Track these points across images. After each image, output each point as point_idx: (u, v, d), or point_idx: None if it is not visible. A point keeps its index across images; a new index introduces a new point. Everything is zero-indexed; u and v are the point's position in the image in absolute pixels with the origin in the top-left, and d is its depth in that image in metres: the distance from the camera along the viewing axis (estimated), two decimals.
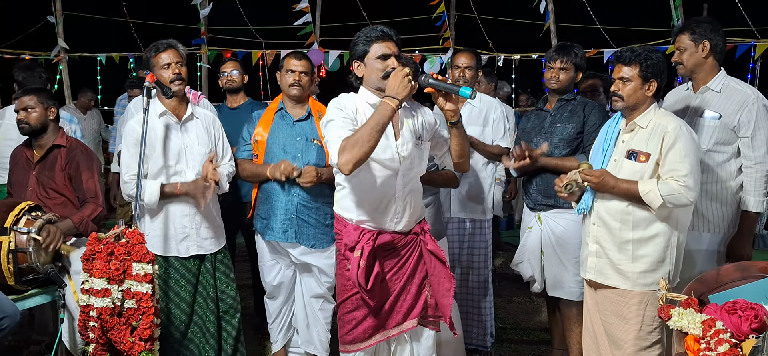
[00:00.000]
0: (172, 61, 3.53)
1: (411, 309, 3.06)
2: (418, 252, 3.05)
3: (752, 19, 7.56)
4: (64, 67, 7.84)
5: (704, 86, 3.45)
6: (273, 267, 3.97)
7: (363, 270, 2.88)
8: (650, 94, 3.07)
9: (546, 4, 7.87)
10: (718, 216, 3.43)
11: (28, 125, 3.80)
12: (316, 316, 3.97)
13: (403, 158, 2.92)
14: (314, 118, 3.86)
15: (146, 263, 3.12)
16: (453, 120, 2.88)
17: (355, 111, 2.90)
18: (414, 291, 3.05)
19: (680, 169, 2.93)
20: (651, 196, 2.95)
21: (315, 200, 3.79)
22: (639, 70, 3.04)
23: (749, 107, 3.31)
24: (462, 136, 2.94)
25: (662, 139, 2.98)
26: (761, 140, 3.31)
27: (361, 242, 2.92)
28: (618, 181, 3.05)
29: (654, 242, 3.04)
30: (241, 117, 4.51)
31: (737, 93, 3.36)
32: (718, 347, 2.50)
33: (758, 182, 3.33)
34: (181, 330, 3.67)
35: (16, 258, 3.40)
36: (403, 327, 3.07)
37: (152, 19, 9.11)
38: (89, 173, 3.80)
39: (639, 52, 3.06)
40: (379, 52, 2.89)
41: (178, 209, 3.59)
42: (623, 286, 3.09)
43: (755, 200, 3.35)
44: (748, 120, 3.30)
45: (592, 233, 3.18)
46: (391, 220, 2.97)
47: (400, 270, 3.03)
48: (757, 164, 3.32)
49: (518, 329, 5.02)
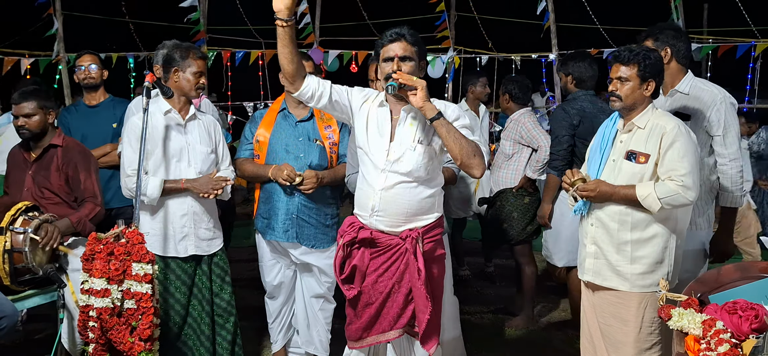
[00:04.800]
0: (201, 71, 3.56)
1: (398, 317, 3.01)
2: (406, 260, 2.96)
3: (752, 18, 7.56)
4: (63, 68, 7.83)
5: (672, 89, 3.45)
6: (273, 266, 3.97)
7: (339, 258, 3.01)
8: (648, 94, 3.06)
9: (546, 4, 7.86)
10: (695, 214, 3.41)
11: (28, 131, 3.77)
12: (316, 316, 3.97)
13: (391, 161, 2.92)
14: (316, 118, 3.86)
15: (146, 264, 3.12)
16: (428, 117, 2.82)
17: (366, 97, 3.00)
18: (401, 299, 2.99)
19: (679, 168, 2.92)
20: (649, 200, 2.93)
21: (316, 201, 3.79)
22: (637, 70, 3.02)
23: (717, 106, 3.33)
24: (443, 134, 2.82)
25: (661, 139, 2.97)
26: (733, 137, 3.34)
27: (348, 231, 3.01)
28: (614, 188, 3.02)
29: (653, 243, 3.03)
30: (100, 116, 4.43)
31: (705, 93, 3.37)
32: (718, 347, 2.49)
33: (734, 178, 3.35)
34: (175, 332, 3.65)
35: (12, 258, 3.40)
36: (387, 336, 3.04)
37: (152, 19, 9.10)
38: (87, 172, 3.79)
39: (637, 52, 3.04)
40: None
41: (177, 208, 3.59)
42: (622, 288, 3.08)
43: (733, 195, 3.36)
44: (718, 119, 3.32)
45: (590, 234, 3.16)
46: (372, 215, 2.96)
47: (385, 273, 3.00)
48: (731, 161, 3.34)
49: None
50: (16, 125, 3.80)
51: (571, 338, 4.71)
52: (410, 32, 2.93)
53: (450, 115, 2.90)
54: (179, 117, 3.60)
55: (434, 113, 2.79)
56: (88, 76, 4.55)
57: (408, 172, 2.92)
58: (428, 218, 3.00)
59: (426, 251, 2.96)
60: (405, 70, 2.86)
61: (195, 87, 3.55)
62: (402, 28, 2.93)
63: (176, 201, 3.59)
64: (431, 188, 2.99)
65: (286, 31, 2.80)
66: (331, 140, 3.85)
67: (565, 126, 4.38)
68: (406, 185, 2.93)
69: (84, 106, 4.62)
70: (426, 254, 2.96)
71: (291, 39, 2.83)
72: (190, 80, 3.53)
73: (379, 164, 2.95)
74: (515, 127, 5.01)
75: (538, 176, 4.90)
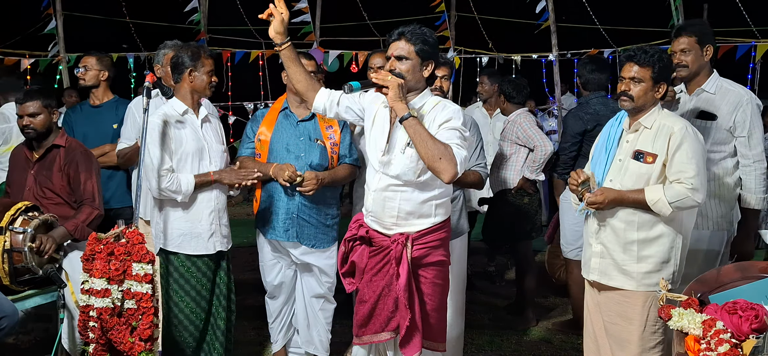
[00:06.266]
0: (212, 69, 3.61)
1: (389, 320, 3.01)
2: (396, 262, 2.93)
3: (753, 19, 7.56)
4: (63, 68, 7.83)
5: (699, 89, 3.46)
6: (274, 266, 3.97)
7: (341, 253, 3.12)
8: (659, 96, 3.04)
9: (545, 3, 7.86)
10: (718, 214, 3.45)
11: (34, 130, 3.76)
12: (316, 316, 3.97)
13: (383, 163, 2.93)
14: (318, 118, 3.86)
15: (146, 264, 3.12)
16: (398, 117, 2.80)
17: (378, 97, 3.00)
18: (390, 302, 2.98)
19: (687, 171, 2.90)
20: (660, 205, 2.92)
21: (316, 201, 3.79)
22: (651, 72, 2.99)
23: (743, 107, 3.35)
24: (410, 134, 2.77)
25: (668, 140, 2.95)
26: (758, 139, 3.36)
27: (351, 227, 3.09)
28: (622, 194, 3.00)
29: (659, 243, 3.02)
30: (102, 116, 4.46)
31: (731, 94, 3.39)
32: (718, 347, 2.49)
33: (758, 180, 3.36)
34: (200, 329, 3.70)
35: (11, 258, 3.40)
36: (380, 337, 3.04)
37: (152, 19, 9.10)
38: (88, 174, 3.78)
39: (652, 54, 3.00)
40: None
41: (205, 206, 3.61)
42: (628, 287, 3.07)
43: (756, 197, 3.37)
44: (743, 120, 3.34)
45: (596, 233, 3.15)
46: (367, 215, 3.01)
47: (378, 273, 3.00)
48: (755, 163, 3.35)
49: None
50: (21, 124, 3.79)
51: (571, 338, 4.71)
52: (413, 31, 2.89)
53: (439, 116, 2.86)
54: (195, 118, 3.63)
55: (404, 112, 2.77)
56: (82, 77, 4.55)
57: (396, 175, 2.91)
58: (422, 222, 2.95)
59: (416, 257, 2.93)
60: (401, 68, 2.87)
61: (209, 86, 3.59)
62: (407, 27, 2.93)
63: (205, 199, 3.61)
64: (427, 193, 2.94)
65: (284, 53, 3.06)
66: (332, 140, 3.85)
67: (574, 133, 4.40)
68: (396, 188, 2.92)
69: (88, 106, 4.63)
70: (416, 260, 2.93)
71: (291, 59, 3.07)
72: (204, 80, 3.56)
73: (375, 164, 2.98)
74: (512, 127, 5.02)
75: (536, 176, 4.91)
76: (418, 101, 2.93)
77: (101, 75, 4.51)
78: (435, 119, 2.88)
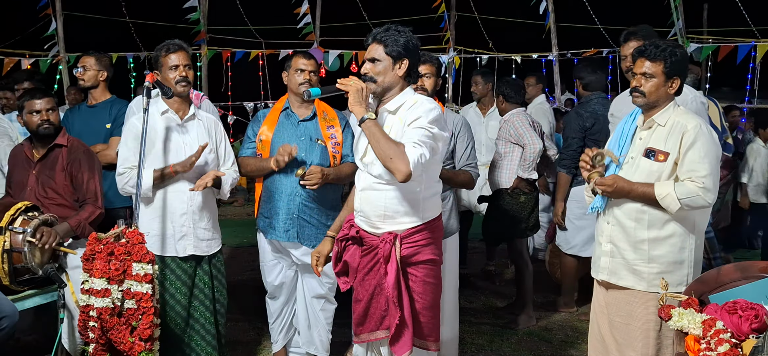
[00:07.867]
0: (180, 64, 3.55)
1: (382, 319, 3.01)
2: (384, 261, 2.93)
3: (753, 19, 7.57)
4: (63, 67, 7.84)
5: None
6: (274, 267, 3.97)
7: (335, 253, 3.12)
8: (672, 92, 2.96)
9: (546, 4, 7.87)
10: None
11: (52, 125, 3.74)
12: (317, 316, 3.97)
13: (365, 163, 2.97)
14: (319, 118, 3.86)
15: (146, 264, 3.11)
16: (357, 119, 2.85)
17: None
18: (382, 301, 2.98)
19: (699, 170, 2.84)
20: (668, 200, 2.86)
21: (317, 200, 3.78)
22: (663, 67, 2.91)
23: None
24: (367, 135, 2.82)
25: (681, 138, 2.89)
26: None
27: (343, 227, 3.11)
28: (632, 185, 2.94)
29: (669, 243, 2.96)
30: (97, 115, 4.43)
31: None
32: (718, 347, 2.49)
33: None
34: (177, 333, 3.65)
35: (11, 258, 3.39)
36: (376, 335, 3.05)
37: (152, 19, 9.11)
38: (90, 173, 3.77)
39: (664, 48, 2.93)
40: None
41: (177, 207, 3.59)
42: (638, 287, 3.01)
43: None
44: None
45: (606, 232, 3.09)
46: (357, 214, 3.03)
47: (370, 273, 3.00)
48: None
49: None
50: (35, 122, 3.73)
51: (570, 337, 4.72)
52: (383, 32, 2.92)
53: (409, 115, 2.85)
54: (177, 117, 3.61)
55: (361, 115, 2.82)
56: (81, 77, 4.55)
57: (378, 175, 2.91)
58: (409, 220, 2.93)
59: (405, 255, 2.92)
60: (375, 70, 2.89)
61: (177, 81, 3.54)
62: (380, 29, 2.95)
63: (176, 201, 3.58)
64: (411, 191, 2.92)
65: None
66: (334, 140, 3.85)
67: (577, 129, 4.68)
68: (379, 186, 2.93)
69: (85, 105, 4.62)
70: (405, 259, 2.93)
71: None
72: (170, 76, 3.54)
73: (359, 164, 3.03)
74: (506, 126, 5.08)
75: (529, 175, 4.93)
76: (398, 99, 2.93)
77: (100, 75, 4.50)
78: (406, 118, 2.89)
